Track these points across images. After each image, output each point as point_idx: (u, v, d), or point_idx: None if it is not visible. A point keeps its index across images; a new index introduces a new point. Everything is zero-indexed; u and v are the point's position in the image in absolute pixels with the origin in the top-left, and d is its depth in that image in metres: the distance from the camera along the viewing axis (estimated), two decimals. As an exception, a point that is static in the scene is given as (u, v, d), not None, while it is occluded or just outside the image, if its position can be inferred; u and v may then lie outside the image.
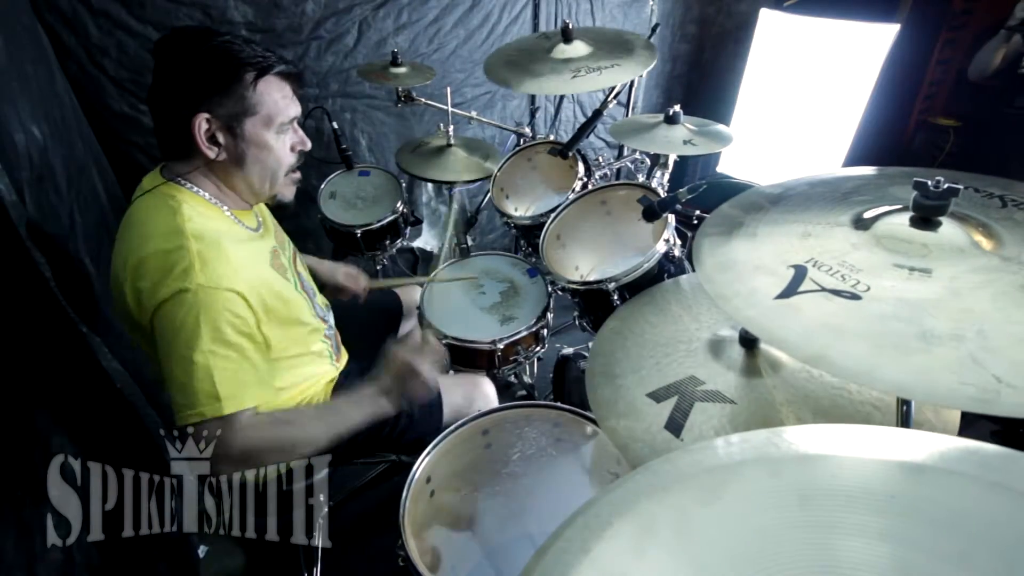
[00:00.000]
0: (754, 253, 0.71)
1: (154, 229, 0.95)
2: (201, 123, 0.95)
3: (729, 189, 0.88)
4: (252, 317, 0.97)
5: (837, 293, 0.60)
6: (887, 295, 0.59)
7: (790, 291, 0.62)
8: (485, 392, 1.37)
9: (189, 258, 0.90)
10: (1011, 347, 0.51)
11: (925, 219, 0.66)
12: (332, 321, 1.33)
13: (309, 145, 1.11)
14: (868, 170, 0.87)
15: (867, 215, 0.72)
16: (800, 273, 0.64)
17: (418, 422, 1.28)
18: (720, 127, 1.57)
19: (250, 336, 0.96)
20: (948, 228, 0.66)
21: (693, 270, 1.30)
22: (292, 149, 1.09)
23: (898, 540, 0.34)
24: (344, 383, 1.33)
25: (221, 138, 0.99)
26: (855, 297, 0.59)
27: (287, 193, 1.14)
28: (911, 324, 0.55)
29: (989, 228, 0.67)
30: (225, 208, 1.05)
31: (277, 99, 1.01)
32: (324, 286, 1.43)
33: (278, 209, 1.25)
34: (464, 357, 1.55)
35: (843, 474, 0.39)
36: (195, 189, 1.02)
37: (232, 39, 0.99)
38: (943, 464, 0.38)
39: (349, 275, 1.49)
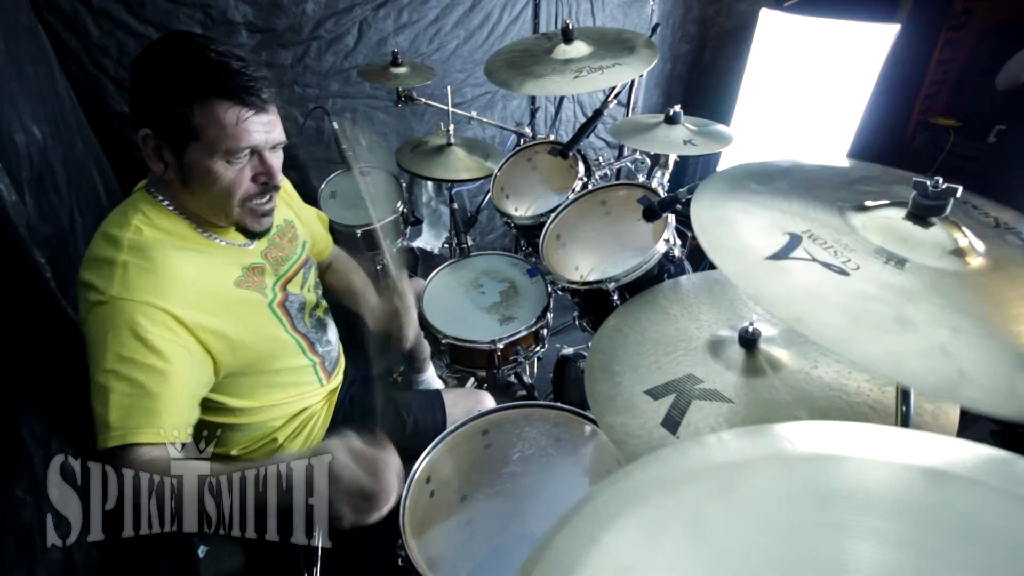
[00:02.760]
0: (754, 215, 0.72)
1: (101, 235, 0.93)
2: (146, 139, 0.91)
3: (729, 189, 0.88)
4: (183, 332, 0.89)
5: (827, 266, 0.61)
6: (874, 277, 0.60)
7: (782, 255, 0.63)
8: (486, 407, 1.38)
9: (113, 268, 0.87)
10: (982, 351, 0.53)
11: (920, 216, 0.66)
12: (330, 336, 1.26)
13: (279, 180, 0.99)
14: (878, 168, 0.87)
15: (868, 203, 0.72)
16: (795, 241, 0.65)
17: (421, 435, 1.27)
18: (720, 127, 1.57)
19: (168, 355, 0.86)
20: (937, 231, 0.66)
21: (693, 270, 1.31)
22: (255, 180, 0.97)
23: (916, 548, 0.34)
24: (349, 392, 1.32)
25: (167, 157, 0.92)
26: (843, 273, 0.60)
27: (251, 224, 1.01)
28: (891, 307, 0.56)
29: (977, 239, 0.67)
30: (192, 221, 1.00)
31: (225, 125, 0.90)
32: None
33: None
34: (464, 357, 1.55)
35: (862, 476, 0.38)
36: (160, 198, 0.97)
37: (200, 54, 0.90)
38: (968, 473, 0.37)
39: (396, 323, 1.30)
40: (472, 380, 1.84)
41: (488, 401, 1.40)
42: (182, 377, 0.88)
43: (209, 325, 0.93)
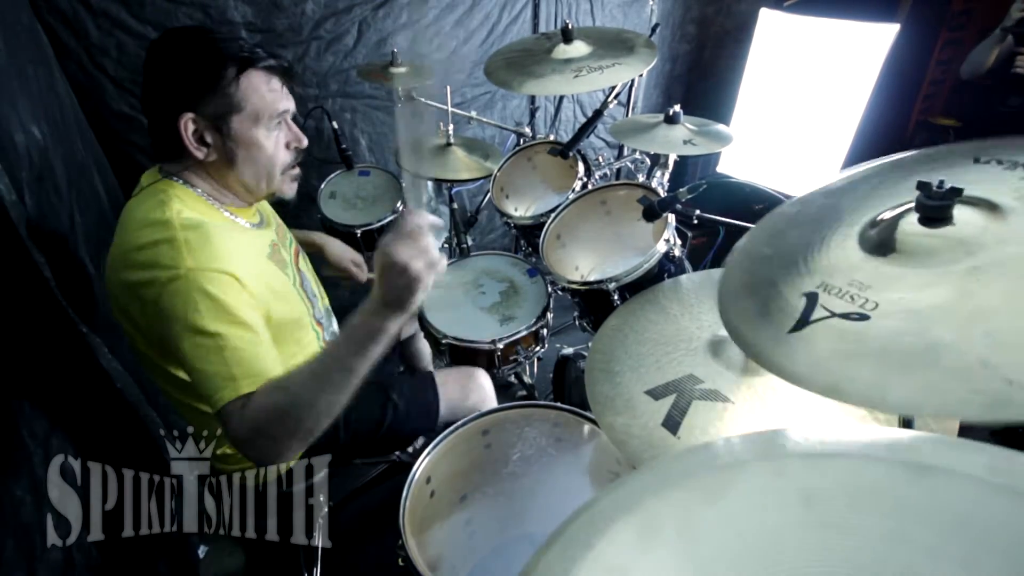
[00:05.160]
0: (772, 287, 0.68)
1: (143, 222, 0.94)
2: (187, 124, 0.94)
3: (729, 189, 0.87)
4: (252, 299, 0.94)
5: (846, 316, 0.58)
6: (895, 309, 0.57)
7: (803, 323, 0.60)
8: (480, 383, 1.37)
9: (176, 246, 0.89)
10: (1021, 344, 0.48)
11: (932, 219, 0.62)
12: (335, 327, 1.29)
13: (305, 142, 1.08)
14: (878, 163, 0.83)
15: (873, 225, 0.69)
16: (812, 301, 0.62)
17: (414, 415, 1.27)
18: (720, 127, 1.56)
19: (250, 316, 0.91)
20: (961, 216, 0.61)
21: (693, 270, 1.31)
22: (287, 146, 1.06)
23: (903, 542, 0.34)
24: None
25: (209, 138, 0.97)
26: (864, 318, 0.57)
27: (287, 190, 1.11)
28: (919, 337, 0.53)
29: (999, 209, 0.61)
30: (219, 205, 1.04)
31: (263, 93, 0.98)
32: (327, 263, 1.52)
33: (278, 206, 1.25)
34: (464, 357, 1.55)
35: (848, 474, 0.39)
36: (188, 186, 1.01)
37: (216, 36, 0.97)
38: (950, 465, 0.37)
39: (357, 263, 1.55)
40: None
41: (482, 377, 1.39)
42: (265, 333, 0.94)
43: (259, 297, 0.98)
